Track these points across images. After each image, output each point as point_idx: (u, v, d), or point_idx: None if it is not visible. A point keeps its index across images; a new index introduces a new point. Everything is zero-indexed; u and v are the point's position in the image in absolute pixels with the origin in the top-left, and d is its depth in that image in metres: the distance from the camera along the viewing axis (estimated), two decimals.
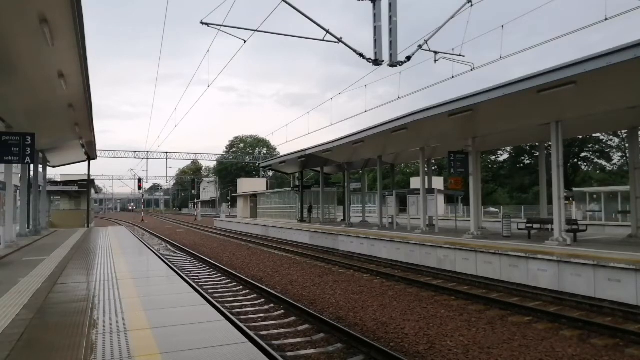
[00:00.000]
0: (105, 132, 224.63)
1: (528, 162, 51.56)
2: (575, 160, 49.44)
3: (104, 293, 6.52)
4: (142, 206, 76.90)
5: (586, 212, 31.72)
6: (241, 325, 7.40)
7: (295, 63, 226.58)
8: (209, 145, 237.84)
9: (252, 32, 12.09)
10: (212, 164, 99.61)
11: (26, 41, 8.22)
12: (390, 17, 11.02)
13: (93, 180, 37.89)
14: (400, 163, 36.28)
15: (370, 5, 11.17)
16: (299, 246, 21.95)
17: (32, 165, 18.73)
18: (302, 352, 6.55)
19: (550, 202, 14.30)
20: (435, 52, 12.80)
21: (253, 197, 43.19)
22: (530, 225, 15.69)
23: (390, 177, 28.97)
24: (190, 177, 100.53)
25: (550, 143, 13.35)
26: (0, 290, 6.71)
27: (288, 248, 20.82)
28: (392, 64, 11.22)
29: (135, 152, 59.51)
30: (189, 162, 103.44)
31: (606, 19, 9.54)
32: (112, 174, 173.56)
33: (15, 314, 5.25)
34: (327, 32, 11.51)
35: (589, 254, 10.25)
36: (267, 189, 48.35)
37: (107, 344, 4.12)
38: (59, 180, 40.26)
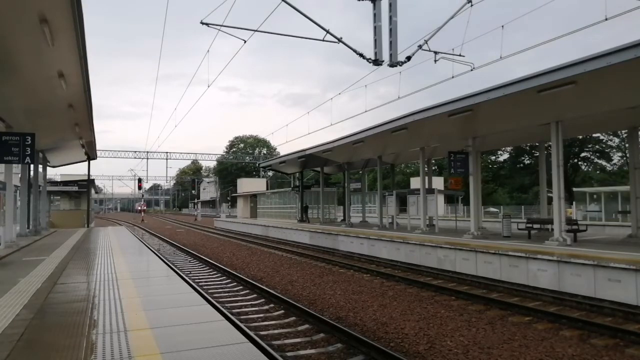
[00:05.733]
0: (105, 132, 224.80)
1: (528, 162, 51.50)
2: (575, 160, 49.38)
3: (104, 293, 6.52)
4: (144, 206, 76.49)
5: (586, 212, 31.72)
6: (241, 325, 7.40)
7: (296, 63, 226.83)
8: (209, 145, 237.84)
9: (252, 32, 12.10)
10: (212, 164, 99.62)
11: (26, 41, 8.22)
12: (390, 17, 11.02)
13: (93, 180, 37.89)
14: (400, 163, 36.28)
15: (370, 5, 11.18)
16: (299, 246, 21.95)
17: (32, 165, 18.72)
18: (302, 352, 6.55)
19: (550, 202, 14.31)
20: (435, 52, 12.81)
21: (253, 197, 43.18)
22: (530, 225, 15.68)
23: (390, 177, 28.97)
24: (190, 177, 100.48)
25: (550, 143, 13.35)
26: (0, 290, 6.71)
27: (288, 248, 20.82)
28: (392, 64, 11.23)
29: (135, 152, 59.63)
30: (189, 162, 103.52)
31: (606, 19, 9.55)
32: (112, 174, 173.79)
33: (15, 314, 5.25)
34: (327, 32, 11.52)
35: (589, 254, 10.25)
36: (267, 189, 48.33)
37: (107, 344, 4.12)
38: (59, 180, 40.24)
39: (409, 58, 11.58)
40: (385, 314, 8.59)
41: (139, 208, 71.75)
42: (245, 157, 79.45)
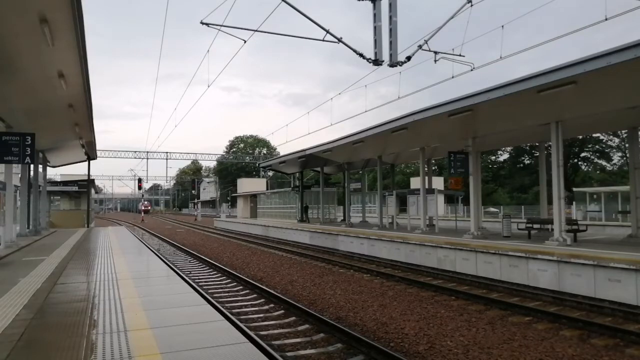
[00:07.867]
0: (105, 132, 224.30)
1: (528, 162, 51.56)
2: (575, 160, 49.42)
3: (104, 293, 6.52)
4: (148, 206, 75.91)
5: (586, 212, 31.71)
6: (241, 325, 7.40)
7: (297, 63, 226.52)
8: (210, 145, 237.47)
9: (252, 32, 12.10)
10: (212, 164, 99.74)
11: (26, 41, 8.22)
12: (390, 17, 11.02)
13: (93, 180, 37.90)
14: (400, 163, 36.26)
15: (371, 5, 11.18)
16: (299, 246, 21.95)
17: (32, 165, 18.74)
18: (302, 352, 6.55)
19: (550, 201, 14.30)
20: (435, 52, 12.81)
21: (253, 197, 43.19)
22: (530, 225, 15.68)
23: (390, 177, 28.96)
24: (190, 177, 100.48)
25: (550, 143, 13.35)
26: (0, 290, 6.71)
27: (288, 248, 20.82)
28: (392, 64, 11.23)
29: (135, 152, 59.56)
30: (189, 162, 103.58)
31: (606, 19, 9.55)
32: (112, 174, 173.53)
33: (15, 314, 5.25)
34: (327, 32, 11.52)
35: (589, 254, 10.25)
36: (267, 189, 48.35)
37: (107, 344, 4.12)
38: (59, 180, 40.27)
39: (409, 58, 11.57)
40: (385, 314, 8.59)
41: (143, 207, 71.47)
42: (245, 157, 79.45)
